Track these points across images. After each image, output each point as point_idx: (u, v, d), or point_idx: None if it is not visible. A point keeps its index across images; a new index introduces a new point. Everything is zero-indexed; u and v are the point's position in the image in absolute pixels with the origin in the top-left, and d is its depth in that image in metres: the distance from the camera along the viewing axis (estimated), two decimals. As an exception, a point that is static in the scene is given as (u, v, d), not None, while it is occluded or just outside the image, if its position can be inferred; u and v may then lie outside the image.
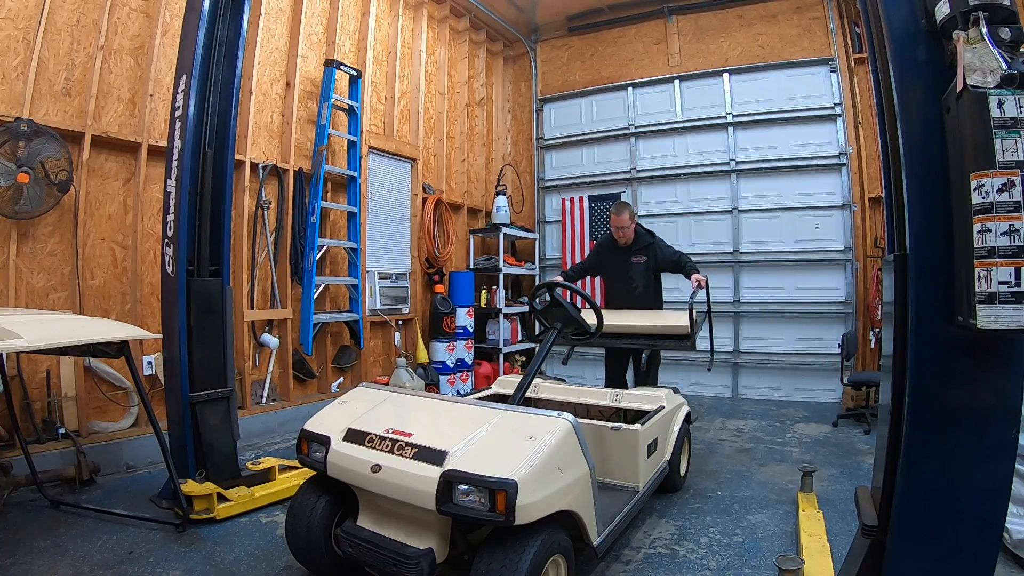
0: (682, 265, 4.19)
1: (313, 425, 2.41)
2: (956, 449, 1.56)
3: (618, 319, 3.85)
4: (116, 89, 3.93)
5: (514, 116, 8.21)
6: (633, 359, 4.52)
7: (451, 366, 6.29)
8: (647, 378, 4.43)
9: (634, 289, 4.33)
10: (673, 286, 4.80)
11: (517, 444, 2.01)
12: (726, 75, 6.79)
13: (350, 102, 5.39)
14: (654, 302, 4.38)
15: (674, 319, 3.79)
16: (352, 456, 2.17)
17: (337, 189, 5.45)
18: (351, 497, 2.28)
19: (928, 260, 1.56)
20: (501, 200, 7.24)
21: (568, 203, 7.54)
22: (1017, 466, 1.98)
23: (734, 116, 6.74)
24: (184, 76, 3.19)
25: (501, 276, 6.89)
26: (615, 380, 4.47)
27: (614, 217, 4.29)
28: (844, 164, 6.20)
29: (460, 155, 7.17)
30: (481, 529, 2.12)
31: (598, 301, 4.39)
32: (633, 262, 4.32)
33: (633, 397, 3.48)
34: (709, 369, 4.43)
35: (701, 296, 3.87)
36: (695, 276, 3.97)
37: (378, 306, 5.74)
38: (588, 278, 5.71)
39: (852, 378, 5.15)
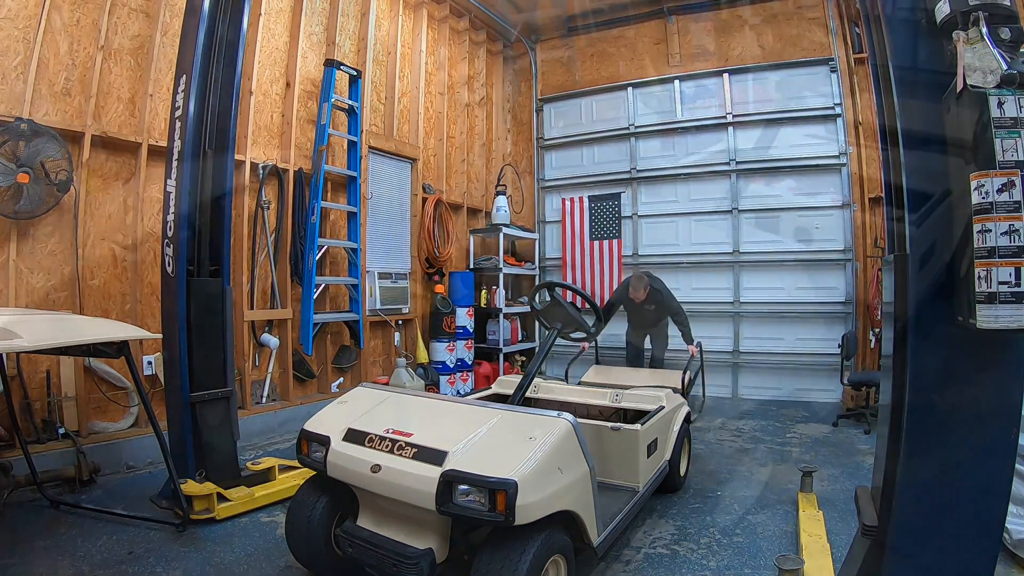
0: (680, 325, 5.12)
1: (313, 425, 2.41)
2: (956, 449, 1.56)
3: (615, 379, 4.39)
4: (116, 89, 3.93)
5: (514, 116, 8.20)
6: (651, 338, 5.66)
7: (451, 366, 6.29)
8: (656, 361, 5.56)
9: (649, 321, 5.53)
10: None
11: (517, 444, 2.01)
12: (726, 75, 6.79)
13: (350, 102, 5.39)
14: (664, 329, 5.55)
15: (673, 380, 4.25)
16: (352, 456, 2.17)
17: (337, 189, 5.45)
18: (351, 497, 2.28)
19: (928, 260, 1.56)
20: (501, 200, 7.23)
21: (568, 203, 7.54)
22: (1017, 466, 1.98)
23: (734, 116, 6.73)
24: (184, 76, 3.19)
25: (501, 276, 6.89)
26: (634, 356, 5.69)
27: (631, 290, 5.24)
28: (844, 164, 6.20)
29: (460, 155, 7.16)
30: (481, 529, 2.12)
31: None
32: (646, 308, 5.41)
33: (633, 397, 3.48)
34: (700, 411, 5.29)
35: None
36: (691, 347, 4.82)
37: (378, 306, 5.73)
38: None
39: (852, 378, 5.15)
